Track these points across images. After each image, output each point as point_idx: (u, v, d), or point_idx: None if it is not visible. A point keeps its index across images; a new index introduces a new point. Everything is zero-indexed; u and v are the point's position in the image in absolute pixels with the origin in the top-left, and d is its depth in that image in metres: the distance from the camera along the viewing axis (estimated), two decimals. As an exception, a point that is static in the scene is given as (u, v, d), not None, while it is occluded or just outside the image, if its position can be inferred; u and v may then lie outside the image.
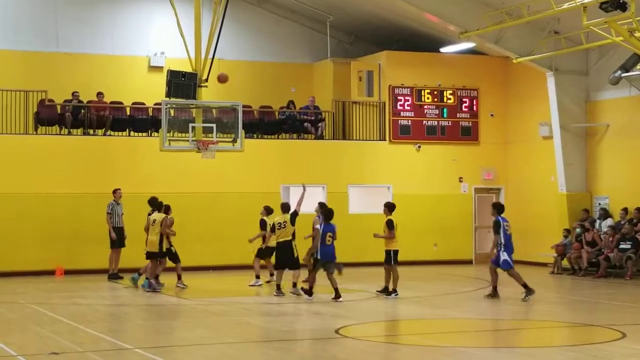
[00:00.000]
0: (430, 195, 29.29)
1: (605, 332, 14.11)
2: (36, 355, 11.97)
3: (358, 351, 12.75)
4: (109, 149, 26.62)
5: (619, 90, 25.62)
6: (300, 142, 28.88)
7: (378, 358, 12.16)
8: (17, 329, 15.53)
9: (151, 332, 14.72)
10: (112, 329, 14.84)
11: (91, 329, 14.62)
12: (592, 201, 27.34)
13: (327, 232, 18.61)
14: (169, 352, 12.29)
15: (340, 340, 13.47)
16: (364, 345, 13.22)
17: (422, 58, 29.83)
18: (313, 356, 12.39)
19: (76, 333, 14.34)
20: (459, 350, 12.95)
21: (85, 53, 28.38)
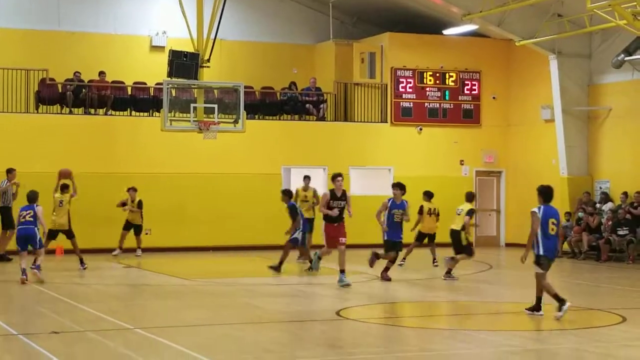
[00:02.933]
0: (431, 178, 29.18)
1: (606, 316, 14.12)
2: (37, 334, 11.97)
3: (358, 333, 12.76)
4: (110, 128, 26.60)
5: (621, 73, 25.58)
6: (302, 123, 28.86)
7: (378, 340, 12.15)
8: (18, 307, 15.56)
9: (151, 312, 14.73)
10: (112, 308, 14.82)
11: (91, 308, 14.63)
12: (593, 185, 27.31)
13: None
14: (169, 332, 12.28)
15: (340, 322, 13.47)
16: (365, 327, 13.23)
17: (424, 40, 29.75)
18: (313, 337, 12.38)
19: (76, 312, 14.35)
20: (459, 333, 12.94)
21: (86, 32, 28.30)
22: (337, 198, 17.83)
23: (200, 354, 10.54)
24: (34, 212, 18.71)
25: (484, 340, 12.17)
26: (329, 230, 17.87)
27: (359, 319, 13.74)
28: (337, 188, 17.87)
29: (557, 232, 13.78)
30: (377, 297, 16.76)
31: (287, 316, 14.46)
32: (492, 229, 30.58)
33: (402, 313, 15.29)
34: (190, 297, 16.73)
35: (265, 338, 12.14)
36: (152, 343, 11.51)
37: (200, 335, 12.36)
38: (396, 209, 18.58)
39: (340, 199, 17.86)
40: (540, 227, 13.54)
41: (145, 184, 26.25)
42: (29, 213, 18.70)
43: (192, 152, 26.44)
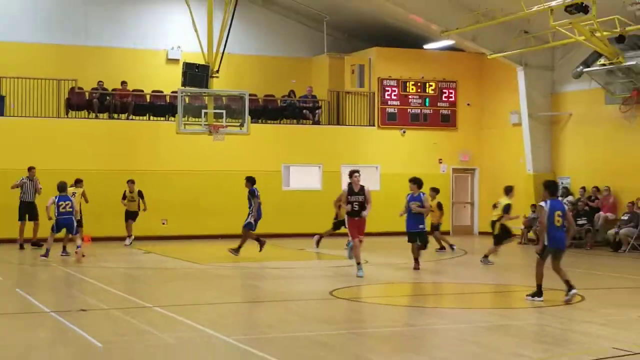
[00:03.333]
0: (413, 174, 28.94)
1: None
2: (67, 312, 11.96)
3: (350, 310, 12.76)
4: (131, 131, 26.57)
5: (580, 83, 25.57)
6: (300, 127, 28.83)
7: (367, 316, 12.16)
8: (50, 288, 15.54)
9: (168, 293, 14.72)
10: (134, 289, 14.82)
11: (115, 289, 14.62)
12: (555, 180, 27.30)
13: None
14: (184, 310, 12.28)
15: (334, 301, 13.47)
16: (355, 305, 13.23)
17: (407, 54, 29.74)
18: (310, 314, 12.38)
19: (102, 292, 14.33)
20: (438, 310, 12.95)
21: (110, 47, 28.29)
22: (355, 193, 16.75)
23: (211, 329, 10.54)
24: (72, 202, 19.44)
25: (459, 317, 12.19)
26: (351, 223, 16.73)
27: (350, 298, 13.74)
28: (354, 183, 16.79)
29: (562, 224, 12.98)
30: (366, 279, 16.75)
31: (287, 296, 14.45)
32: (467, 219, 30.61)
33: (388, 293, 15.29)
34: (203, 279, 16.72)
35: (268, 315, 12.14)
36: (169, 320, 11.50)
37: (212, 313, 12.36)
38: (413, 201, 17.94)
39: (358, 194, 16.75)
40: (547, 220, 12.90)
41: (162, 180, 26.28)
42: (68, 204, 19.29)
43: (203, 152, 26.41)
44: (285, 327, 11.11)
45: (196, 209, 26.78)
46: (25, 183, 22.59)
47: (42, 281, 16.61)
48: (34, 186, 22.53)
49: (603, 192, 24.82)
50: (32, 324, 11.22)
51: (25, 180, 22.59)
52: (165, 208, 26.30)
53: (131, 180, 23.86)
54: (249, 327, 11.05)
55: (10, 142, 24.98)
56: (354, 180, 16.79)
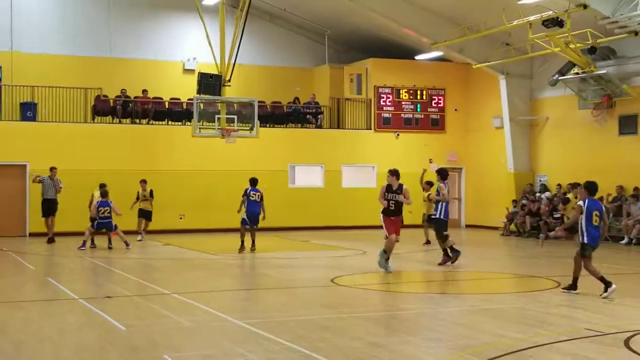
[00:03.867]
0: (406, 173, 28.75)
1: (545, 281, 14.11)
2: (94, 299, 11.96)
3: (349, 296, 12.74)
4: (151, 135, 26.56)
5: (556, 90, 25.56)
6: (303, 130, 28.81)
7: (365, 301, 12.15)
8: (79, 277, 15.54)
9: (185, 281, 14.70)
10: (154, 278, 14.80)
11: (137, 277, 14.61)
12: (534, 178, 27.31)
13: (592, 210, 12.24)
14: (199, 296, 12.27)
15: (335, 288, 13.46)
16: (354, 292, 13.21)
17: (400, 64, 29.70)
18: (313, 300, 12.38)
19: (125, 281, 14.33)
20: (428, 296, 12.94)
21: (132, 58, 28.25)
22: (392, 191, 15.32)
23: (224, 314, 10.53)
24: (110, 208, 20.05)
25: (448, 301, 12.18)
26: (387, 222, 15.34)
27: (349, 285, 13.73)
28: (392, 181, 15.36)
29: (600, 223, 12.18)
30: (364, 268, 16.74)
31: (293, 283, 14.44)
32: (454, 214, 30.54)
33: (384, 281, 15.27)
34: (216, 268, 16.71)
35: (275, 300, 12.12)
36: (186, 305, 11.49)
37: (224, 299, 12.36)
38: None
39: (396, 192, 15.28)
40: (585, 219, 12.04)
41: (179, 179, 26.28)
42: (107, 210, 19.96)
43: (216, 153, 26.40)
44: (291, 311, 11.10)
45: (210, 205, 26.77)
46: (46, 181, 22.12)
47: (71, 271, 16.61)
48: (54, 185, 22.12)
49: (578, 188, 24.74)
50: (62, 309, 11.22)
51: (46, 179, 22.15)
52: (182, 204, 26.30)
53: (143, 180, 23.25)
54: (259, 311, 11.04)
55: (41, 145, 24.97)
56: (392, 178, 15.38)
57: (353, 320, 10.26)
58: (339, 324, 10.02)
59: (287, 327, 9.72)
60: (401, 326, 10.11)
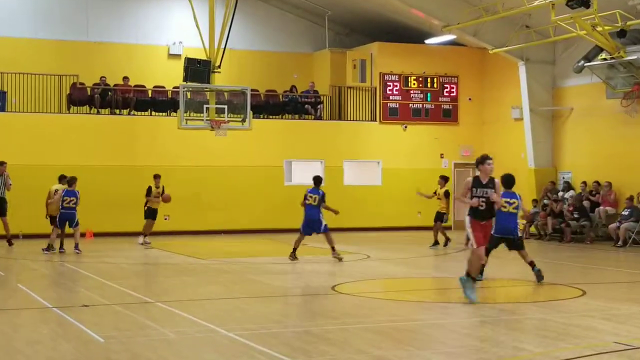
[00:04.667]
0: (415, 170, 29.24)
1: (568, 290, 14.12)
2: (69, 307, 11.97)
3: (352, 305, 12.74)
4: (133, 127, 26.58)
5: (581, 78, 25.55)
6: (301, 122, 28.84)
7: (369, 311, 12.15)
8: (53, 284, 15.54)
9: (170, 288, 14.71)
10: (135, 284, 14.81)
11: (117, 284, 14.61)
12: (557, 175, 27.32)
13: None
14: (185, 305, 12.28)
15: (336, 296, 13.47)
16: (357, 300, 13.22)
17: (409, 48, 29.71)
18: (312, 309, 12.39)
19: (104, 288, 14.33)
20: (439, 305, 12.94)
21: (112, 42, 28.27)
22: (482, 185, 12.46)
23: (212, 324, 10.54)
24: (77, 199, 19.77)
25: (462, 311, 12.17)
26: (476, 227, 12.53)
27: (351, 293, 13.73)
28: (485, 173, 12.57)
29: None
30: (367, 274, 16.76)
31: (288, 291, 14.45)
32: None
33: (390, 288, 15.29)
34: (205, 274, 16.72)
35: (271, 310, 12.13)
36: (171, 315, 11.50)
37: (213, 308, 12.36)
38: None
39: (487, 186, 12.48)
40: None
41: (163, 175, 26.12)
42: (72, 200, 19.72)
43: (205, 147, 26.41)
44: (287, 321, 11.10)
45: (198, 205, 26.80)
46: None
47: (44, 276, 16.61)
48: (4, 182, 21.44)
49: (604, 186, 24.79)
50: (34, 319, 11.22)
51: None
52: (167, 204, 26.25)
53: (158, 175, 22.78)
54: (251, 322, 11.04)
55: (11, 138, 24.98)
56: (485, 169, 12.60)
57: (356, 332, 10.27)
58: (341, 335, 10.03)
59: (283, 339, 9.72)
60: (409, 338, 10.12)
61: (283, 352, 8.90)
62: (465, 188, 12.66)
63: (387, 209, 28.79)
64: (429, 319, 11.49)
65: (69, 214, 19.81)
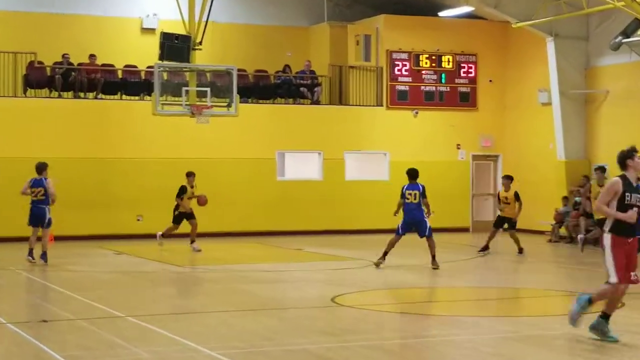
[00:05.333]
0: (427, 162, 29.09)
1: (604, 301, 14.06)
2: (26, 323, 11.94)
3: (354, 319, 12.75)
4: (101, 112, 26.49)
5: (619, 56, 25.53)
6: (296, 107, 28.80)
7: (374, 326, 12.14)
8: (8, 296, 15.48)
9: (144, 300, 14.69)
10: (103, 296, 14.77)
11: (82, 296, 14.57)
12: (591, 169, 27.28)
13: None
14: (162, 320, 12.26)
15: (336, 309, 13.46)
16: (360, 314, 13.21)
17: (420, 22, 29.66)
18: (308, 325, 12.37)
19: (67, 301, 14.30)
20: (454, 318, 12.94)
21: (76, 14, 28.15)
22: (635, 189, 10.64)
23: (193, 342, 10.52)
24: (44, 189, 18.70)
25: (478, 326, 12.18)
26: (620, 250, 10.53)
27: (354, 306, 13.73)
28: (636, 170, 10.78)
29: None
30: (372, 283, 16.75)
31: (283, 303, 14.44)
32: (488, 214, 30.54)
33: (398, 299, 15.29)
34: (184, 284, 16.71)
35: (261, 325, 12.12)
36: (145, 331, 11.47)
37: (194, 323, 12.34)
38: None
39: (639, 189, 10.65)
40: None
41: (136, 169, 26.26)
42: (40, 191, 18.69)
43: (184, 136, 26.34)
44: (280, 339, 11.09)
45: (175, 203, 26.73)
46: None
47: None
48: None
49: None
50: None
51: None
52: (140, 202, 26.26)
53: (192, 173, 22.56)
54: (237, 339, 11.03)
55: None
56: (637, 165, 10.86)
57: (359, 350, 10.26)
58: (342, 354, 10.02)
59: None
60: (420, 358, 10.11)
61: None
62: (610, 194, 10.64)
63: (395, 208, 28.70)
64: (442, 334, 11.50)
65: (36, 209, 18.68)
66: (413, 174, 18.71)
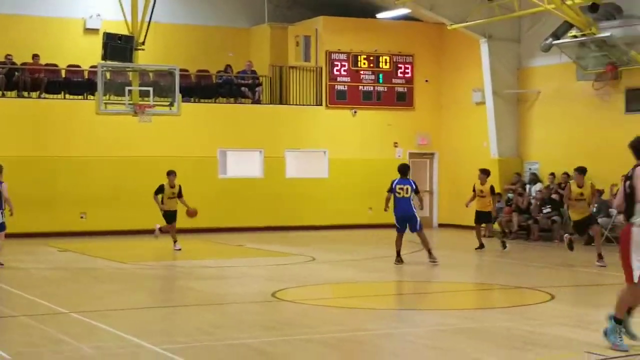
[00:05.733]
0: (365, 160, 29.36)
1: (535, 294, 14.29)
2: (-30, 320, 11.76)
3: (295, 314, 12.76)
4: (44, 112, 26.17)
5: (550, 57, 25.83)
6: (238, 106, 28.72)
7: (313, 320, 12.16)
8: (-49, 293, 15.24)
9: (87, 296, 14.55)
10: (47, 293, 14.60)
11: (26, 293, 14.40)
12: (522, 166, 27.64)
13: None
14: (105, 315, 12.16)
15: (276, 304, 13.47)
16: (301, 309, 13.23)
17: (358, 24, 29.75)
18: (249, 319, 12.37)
19: (10, 297, 14.12)
20: (392, 312, 13.01)
21: (19, 14, 27.77)
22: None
23: (136, 337, 10.46)
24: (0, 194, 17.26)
25: (416, 320, 12.26)
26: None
27: (294, 301, 13.75)
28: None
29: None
30: (312, 278, 16.78)
31: (224, 298, 14.41)
32: (425, 210, 30.76)
33: (336, 294, 15.33)
34: (127, 281, 16.57)
35: (203, 320, 12.08)
36: (88, 327, 11.38)
37: (137, 319, 12.27)
38: None
39: None
40: None
41: (80, 168, 26.00)
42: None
43: (127, 135, 26.13)
44: (221, 333, 11.07)
45: (119, 201, 26.50)
46: None
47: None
48: None
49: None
50: None
51: None
52: (83, 200, 26.00)
53: (172, 172, 21.71)
54: (180, 334, 10.98)
55: None
56: None
57: (299, 345, 10.28)
58: (283, 349, 10.03)
59: (216, 354, 9.69)
60: (359, 351, 10.15)
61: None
62: None
63: (335, 205, 28.84)
64: (380, 328, 11.55)
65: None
66: (403, 169, 18.70)
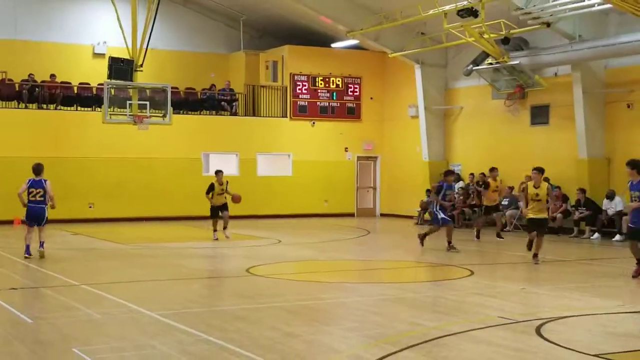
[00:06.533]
0: (322, 162, 29.36)
1: (458, 270, 14.38)
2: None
3: (264, 286, 12.71)
4: (60, 121, 25.87)
5: (470, 80, 26.01)
6: (218, 117, 28.56)
7: (280, 290, 12.13)
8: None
9: (95, 271, 14.39)
10: (62, 268, 14.42)
11: (44, 268, 14.22)
12: (448, 167, 27.72)
13: None
14: (110, 287, 12.04)
15: (250, 278, 13.41)
16: (269, 281, 13.19)
17: (317, 51, 29.73)
18: (228, 290, 12.31)
19: (31, 272, 13.94)
20: (344, 285, 13.02)
21: (39, 41, 27.42)
22: None
23: (136, 305, 10.36)
24: (44, 190, 15.63)
25: (363, 291, 12.28)
26: None
27: (264, 275, 13.70)
28: None
29: None
30: (279, 257, 16.74)
31: (207, 273, 14.33)
32: (369, 203, 30.88)
33: (299, 270, 15.31)
34: (128, 259, 16.40)
35: (190, 291, 12.00)
36: (96, 296, 11.25)
37: (136, 290, 12.16)
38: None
39: None
40: None
41: (89, 166, 25.74)
42: (39, 192, 15.58)
43: (128, 140, 25.91)
44: (206, 302, 11.00)
45: (121, 194, 26.29)
46: None
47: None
48: None
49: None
50: (-36, 302, 10.82)
51: None
52: (91, 193, 25.76)
53: (220, 171, 20.52)
54: (172, 302, 10.89)
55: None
56: None
57: (269, 311, 10.24)
58: (255, 314, 9.99)
59: (201, 319, 9.63)
60: (317, 316, 10.14)
61: (201, 330, 8.81)
62: None
63: (297, 198, 28.83)
64: (335, 297, 11.55)
65: (37, 209, 15.63)
66: (448, 173, 18.25)
